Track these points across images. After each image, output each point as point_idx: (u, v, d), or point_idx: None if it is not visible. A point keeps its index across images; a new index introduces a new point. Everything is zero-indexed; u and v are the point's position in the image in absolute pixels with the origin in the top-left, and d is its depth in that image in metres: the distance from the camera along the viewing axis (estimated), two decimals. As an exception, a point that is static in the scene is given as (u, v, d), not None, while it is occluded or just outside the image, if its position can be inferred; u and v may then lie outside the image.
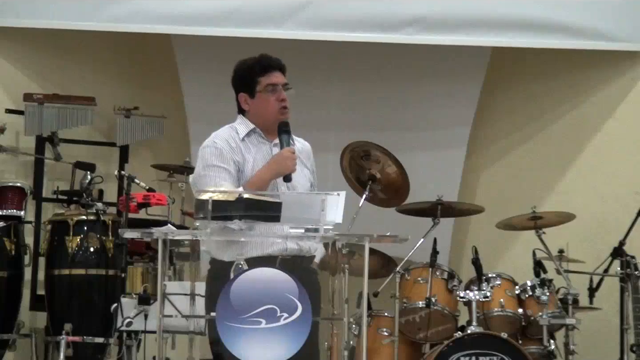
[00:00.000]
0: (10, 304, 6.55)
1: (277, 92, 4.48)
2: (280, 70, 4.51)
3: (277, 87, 4.48)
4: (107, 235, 6.53)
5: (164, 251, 4.07)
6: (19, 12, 6.89)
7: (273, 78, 4.49)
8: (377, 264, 6.45)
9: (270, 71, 4.49)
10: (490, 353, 5.89)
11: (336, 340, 4.27)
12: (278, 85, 4.48)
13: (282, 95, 4.48)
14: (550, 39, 6.97)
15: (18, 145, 7.16)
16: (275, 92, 4.48)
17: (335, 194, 4.05)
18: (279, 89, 4.48)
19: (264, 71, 4.49)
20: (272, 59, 4.52)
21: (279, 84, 4.48)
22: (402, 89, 7.44)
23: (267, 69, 4.49)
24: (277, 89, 4.48)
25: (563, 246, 6.57)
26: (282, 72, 4.51)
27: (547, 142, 7.60)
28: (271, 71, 4.49)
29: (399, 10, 6.85)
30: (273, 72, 4.49)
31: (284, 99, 4.48)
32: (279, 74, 4.50)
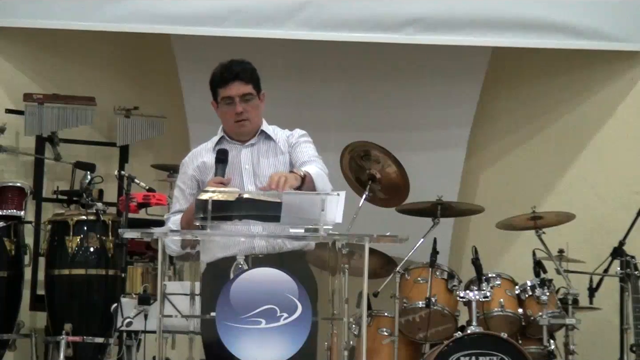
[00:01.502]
0: (10, 304, 6.54)
1: (233, 105, 4.45)
2: (241, 79, 4.44)
3: (233, 100, 4.44)
4: (107, 235, 6.53)
5: (163, 251, 4.08)
6: (19, 12, 6.89)
7: (229, 90, 4.45)
8: (377, 264, 6.45)
9: (228, 83, 4.45)
10: (490, 353, 5.89)
11: (336, 340, 4.28)
12: (234, 98, 4.44)
13: (237, 108, 4.44)
14: (550, 39, 6.97)
15: (18, 145, 7.16)
16: (231, 104, 4.46)
17: (335, 194, 4.05)
18: (235, 102, 4.44)
19: (222, 83, 4.47)
20: (232, 68, 4.46)
21: (234, 97, 4.44)
22: (402, 89, 7.44)
23: (225, 80, 4.46)
24: (233, 102, 4.45)
25: (563, 246, 6.57)
26: (243, 81, 4.44)
27: (547, 142, 7.60)
28: (229, 83, 4.44)
29: (399, 10, 6.85)
30: (231, 83, 4.44)
31: (239, 112, 4.44)
32: (239, 84, 4.44)
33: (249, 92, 4.45)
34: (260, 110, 4.54)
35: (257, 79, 4.51)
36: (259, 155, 4.48)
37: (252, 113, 4.48)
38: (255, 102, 4.48)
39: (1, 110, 6.98)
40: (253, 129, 4.51)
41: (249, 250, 4.30)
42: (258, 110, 4.52)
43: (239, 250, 4.28)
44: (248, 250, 4.30)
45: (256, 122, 4.52)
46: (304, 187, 4.20)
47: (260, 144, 4.52)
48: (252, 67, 4.51)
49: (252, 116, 4.48)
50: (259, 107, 4.52)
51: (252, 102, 4.47)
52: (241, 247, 4.29)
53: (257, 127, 4.52)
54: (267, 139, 4.53)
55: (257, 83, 4.51)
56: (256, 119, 4.51)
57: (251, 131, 4.50)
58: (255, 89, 4.49)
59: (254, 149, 4.51)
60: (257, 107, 4.50)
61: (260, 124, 4.54)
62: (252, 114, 4.47)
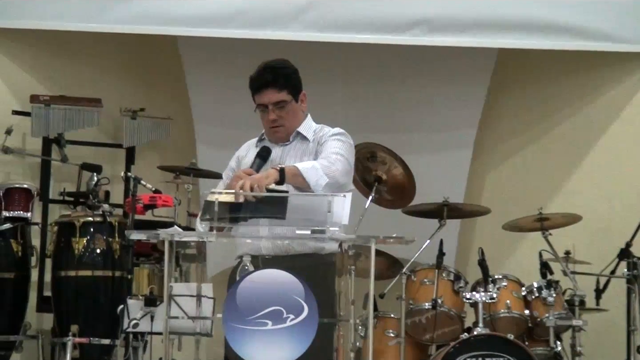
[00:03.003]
0: (16, 306, 6.55)
1: (266, 113, 4.44)
2: (271, 86, 4.41)
3: (265, 109, 4.43)
4: (113, 237, 6.53)
5: (170, 253, 4.08)
6: (26, 14, 6.90)
7: (262, 98, 4.43)
8: (383, 265, 6.45)
9: (260, 90, 4.43)
10: (497, 354, 5.89)
11: (342, 341, 4.27)
12: (267, 106, 4.42)
13: (270, 115, 4.42)
14: (556, 41, 6.96)
15: (25, 147, 7.17)
16: (265, 112, 4.45)
17: (341, 196, 4.05)
18: (268, 110, 4.43)
19: (255, 91, 4.46)
20: (264, 76, 4.43)
21: (267, 105, 4.42)
22: (408, 91, 7.44)
23: (257, 88, 4.45)
24: (266, 110, 4.44)
25: (569, 247, 6.56)
26: (276, 88, 4.41)
27: (554, 143, 7.59)
28: (261, 90, 4.43)
29: (405, 12, 6.85)
30: (264, 91, 4.42)
31: (272, 119, 4.42)
32: (271, 91, 4.41)
33: (282, 100, 4.42)
34: (297, 114, 4.48)
35: (294, 82, 4.46)
36: (288, 156, 4.46)
37: (287, 119, 4.44)
38: (290, 107, 4.44)
39: (8, 112, 6.99)
40: (289, 133, 4.47)
41: (257, 250, 4.29)
42: (294, 114, 4.47)
43: (243, 252, 4.28)
44: (256, 250, 4.29)
45: (292, 126, 4.47)
46: (288, 182, 4.17)
47: (294, 144, 4.49)
48: (287, 72, 4.47)
49: (287, 122, 4.44)
50: (296, 110, 4.47)
51: (287, 108, 4.43)
52: (252, 247, 4.29)
53: (294, 130, 4.48)
54: (302, 139, 4.49)
55: (294, 86, 4.46)
56: (292, 124, 4.46)
57: (287, 135, 4.47)
58: (292, 93, 4.44)
59: (286, 148, 4.48)
60: (292, 111, 4.45)
61: (296, 126, 4.49)
62: (286, 120, 4.44)
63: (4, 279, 6.45)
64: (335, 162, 4.32)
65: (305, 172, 4.21)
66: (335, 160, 4.32)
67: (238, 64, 7.21)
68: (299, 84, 4.50)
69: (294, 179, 4.20)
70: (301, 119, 4.52)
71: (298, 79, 4.50)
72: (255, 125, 4.98)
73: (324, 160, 4.31)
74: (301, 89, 4.51)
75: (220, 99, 7.35)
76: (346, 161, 4.37)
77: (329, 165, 4.29)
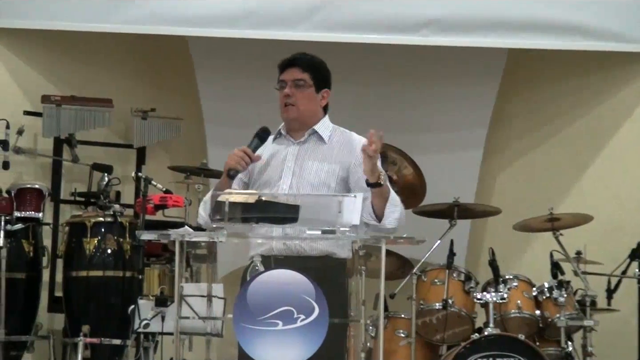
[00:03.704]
0: (28, 306, 6.57)
1: (283, 89, 4.44)
2: (297, 65, 4.43)
3: (283, 84, 4.43)
4: (124, 237, 6.54)
5: (180, 253, 4.08)
6: (37, 14, 6.92)
7: (284, 75, 4.45)
8: (394, 265, 6.45)
9: (285, 68, 4.45)
10: (508, 355, 5.88)
11: (353, 342, 4.27)
12: (285, 82, 4.43)
13: (285, 91, 4.41)
14: (567, 41, 6.95)
15: (36, 147, 7.18)
16: (283, 88, 4.44)
17: (351, 196, 4.05)
18: (285, 85, 4.42)
19: (281, 69, 4.48)
20: (294, 56, 4.46)
21: (286, 80, 4.42)
22: (418, 91, 7.44)
23: (283, 65, 4.47)
24: (283, 85, 4.43)
25: (581, 248, 6.55)
26: (300, 68, 4.42)
27: (564, 144, 7.58)
28: (286, 68, 4.45)
29: (415, 12, 6.84)
30: (287, 69, 4.45)
31: (286, 94, 4.41)
32: (295, 70, 4.43)
33: (302, 79, 4.42)
34: (313, 102, 4.45)
35: (320, 73, 4.47)
36: (306, 156, 4.42)
37: (301, 100, 4.41)
38: (307, 91, 4.43)
39: (19, 112, 7.01)
40: (298, 119, 4.43)
41: (269, 251, 4.30)
42: (309, 101, 4.44)
43: (255, 252, 4.29)
44: (268, 251, 4.30)
45: (303, 112, 4.43)
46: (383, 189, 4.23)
47: (309, 144, 4.45)
48: (317, 61, 4.49)
49: (300, 103, 4.41)
50: (313, 99, 4.45)
51: (304, 90, 4.42)
52: (266, 248, 4.29)
53: (305, 118, 4.44)
54: (319, 139, 4.46)
55: (319, 76, 4.46)
56: (303, 108, 4.43)
57: (296, 119, 4.43)
58: (314, 81, 4.43)
59: (302, 147, 4.44)
60: (308, 97, 4.43)
61: (310, 118, 4.46)
62: (299, 101, 4.41)
63: (16, 280, 6.47)
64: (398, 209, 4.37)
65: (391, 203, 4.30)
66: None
67: (248, 64, 7.24)
68: (325, 79, 4.49)
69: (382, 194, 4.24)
70: (317, 112, 4.48)
71: (326, 74, 4.51)
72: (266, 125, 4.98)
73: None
74: (326, 86, 4.49)
75: (231, 99, 7.36)
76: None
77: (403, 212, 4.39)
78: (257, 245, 4.30)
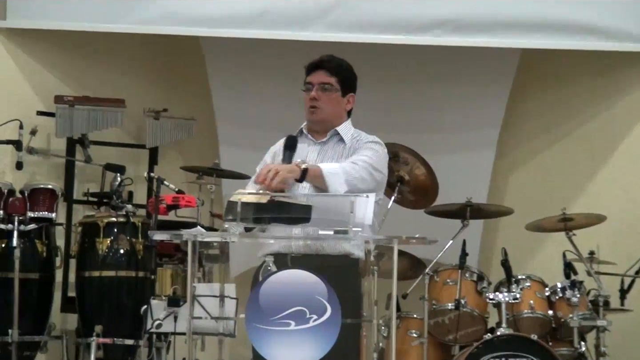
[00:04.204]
0: (41, 306, 6.58)
1: (309, 91, 4.47)
2: (325, 68, 4.47)
3: (309, 86, 4.47)
4: (136, 237, 6.55)
5: (193, 253, 4.09)
6: (50, 14, 6.94)
7: (311, 77, 4.49)
8: (406, 265, 6.44)
9: (312, 71, 4.49)
10: (520, 355, 5.88)
11: (365, 342, 4.27)
12: (311, 85, 4.46)
13: (312, 94, 4.45)
14: (580, 41, 6.93)
15: (49, 147, 7.20)
16: (309, 91, 4.48)
17: (364, 196, 4.05)
18: (311, 88, 4.46)
19: (308, 71, 4.51)
20: (321, 59, 4.51)
21: (313, 83, 4.46)
22: (431, 91, 7.43)
23: (310, 67, 4.50)
24: (309, 88, 4.47)
25: (594, 248, 6.54)
26: (327, 71, 4.46)
27: (577, 144, 7.56)
28: (313, 71, 4.49)
29: (427, 12, 6.83)
30: (314, 71, 4.49)
31: (312, 97, 4.45)
32: (322, 73, 4.47)
33: (328, 82, 4.46)
34: (339, 106, 4.50)
35: (347, 77, 4.52)
36: (324, 156, 4.46)
37: (326, 104, 4.45)
38: (333, 95, 4.47)
39: (33, 112, 7.02)
40: (323, 122, 4.47)
41: (285, 249, 4.30)
42: (335, 104, 4.48)
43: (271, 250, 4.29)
44: (283, 248, 4.30)
45: (328, 115, 4.47)
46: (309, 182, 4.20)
47: (330, 144, 4.49)
48: (344, 65, 4.53)
49: (325, 107, 4.45)
50: (338, 102, 4.49)
51: (330, 94, 4.46)
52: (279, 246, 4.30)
53: (329, 121, 4.48)
54: (339, 140, 4.49)
55: (345, 80, 4.50)
56: (329, 112, 4.47)
57: (321, 122, 4.47)
58: (340, 84, 4.48)
59: (323, 148, 4.49)
60: (334, 100, 4.47)
61: (334, 121, 4.49)
62: (325, 105, 4.45)
63: (29, 280, 6.48)
64: (360, 169, 4.33)
65: (328, 177, 4.22)
66: (361, 168, 4.33)
67: (261, 64, 7.25)
68: (352, 83, 4.55)
69: (315, 180, 4.21)
70: (342, 116, 4.52)
71: (353, 78, 4.57)
72: (278, 126, 4.99)
73: (350, 165, 4.32)
74: (352, 90, 4.54)
75: (243, 99, 7.37)
76: (372, 170, 4.37)
77: (352, 172, 4.30)
78: (270, 244, 4.30)
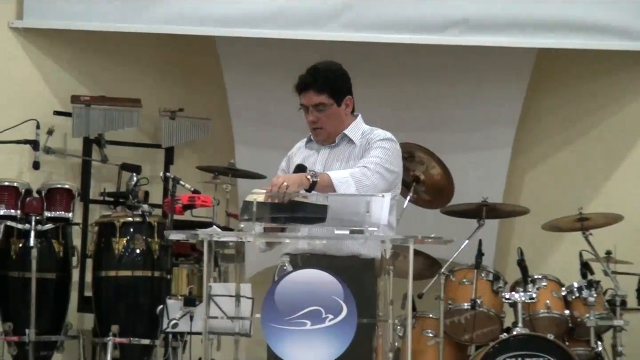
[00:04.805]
0: (58, 306, 6.60)
1: (307, 114, 4.43)
2: (311, 88, 4.39)
3: (305, 108, 4.42)
4: (152, 237, 6.56)
5: (209, 253, 4.09)
6: (66, 14, 6.96)
7: (303, 99, 4.42)
8: (422, 265, 6.43)
9: (301, 92, 4.42)
10: (537, 354, 5.87)
11: (381, 341, 4.27)
12: (307, 107, 4.41)
13: (310, 117, 4.41)
14: (595, 40, 6.91)
15: (66, 147, 7.22)
16: (306, 111, 4.43)
17: (379, 196, 4.05)
18: (308, 111, 4.41)
19: (298, 91, 4.44)
20: (305, 78, 4.42)
21: (306, 105, 4.40)
22: (447, 90, 7.42)
23: (298, 89, 4.43)
24: (307, 111, 4.42)
25: (610, 247, 6.52)
26: (315, 90, 4.38)
27: (594, 143, 7.54)
28: (302, 92, 4.42)
29: (444, 12, 6.83)
30: (304, 93, 4.41)
31: (311, 120, 4.41)
32: (311, 93, 4.39)
33: (321, 102, 4.39)
34: (339, 117, 4.43)
35: (336, 86, 4.42)
36: (334, 158, 4.43)
37: (326, 122, 4.41)
38: (330, 110, 4.40)
39: (50, 112, 7.05)
40: (330, 136, 4.44)
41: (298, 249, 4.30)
42: (335, 118, 4.42)
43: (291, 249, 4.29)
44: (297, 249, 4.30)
45: (333, 129, 4.43)
46: (319, 192, 4.17)
47: (340, 147, 4.45)
48: (329, 75, 4.43)
49: (327, 125, 4.41)
50: (338, 114, 4.42)
51: (326, 111, 4.39)
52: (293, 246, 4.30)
53: (336, 133, 4.44)
54: (349, 142, 4.45)
55: (336, 90, 4.41)
56: (332, 127, 4.43)
57: (328, 138, 4.45)
58: (333, 97, 4.40)
59: (332, 151, 4.45)
60: (333, 115, 4.41)
61: (339, 129, 4.44)
62: (326, 123, 4.41)
63: (46, 280, 6.50)
64: (372, 175, 4.29)
65: (338, 187, 4.19)
66: (373, 172, 4.29)
67: (276, 64, 7.25)
68: (344, 88, 4.45)
69: (324, 190, 4.18)
70: (346, 121, 4.46)
71: (343, 83, 4.46)
72: (293, 125, 4.99)
73: (361, 171, 4.29)
74: (347, 93, 4.45)
75: (259, 98, 7.37)
76: (384, 173, 4.33)
77: (363, 179, 4.27)
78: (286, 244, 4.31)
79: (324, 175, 4.23)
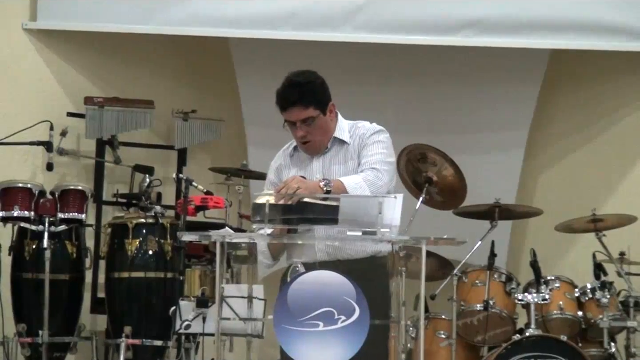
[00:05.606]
0: (71, 307, 6.62)
1: (294, 130, 4.38)
2: (297, 104, 4.32)
3: (293, 125, 4.37)
4: (165, 238, 6.57)
5: (221, 254, 4.10)
6: (80, 15, 6.98)
7: (288, 115, 4.36)
8: (434, 266, 6.43)
9: (285, 108, 4.36)
10: (549, 356, 5.85)
11: (394, 343, 4.27)
12: (294, 123, 4.36)
13: (298, 132, 4.35)
14: (609, 41, 6.89)
15: (79, 149, 7.24)
16: (294, 129, 4.38)
17: (392, 197, 4.05)
18: (295, 126, 4.36)
19: (282, 108, 4.39)
20: (287, 95, 4.35)
21: (295, 121, 4.35)
22: (460, 91, 7.41)
23: (282, 106, 4.38)
24: (294, 126, 4.37)
25: (624, 249, 6.51)
26: (302, 105, 4.32)
27: (607, 144, 7.52)
28: (286, 108, 4.36)
29: (457, 13, 6.82)
30: (289, 109, 4.35)
31: (300, 135, 4.36)
32: (297, 109, 4.33)
33: (309, 116, 4.34)
34: (327, 126, 4.40)
35: (320, 96, 4.37)
36: (331, 162, 4.41)
37: (316, 133, 4.37)
38: (318, 121, 4.36)
39: (63, 114, 7.07)
40: (321, 145, 4.41)
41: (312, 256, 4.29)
42: (324, 127, 4.39)
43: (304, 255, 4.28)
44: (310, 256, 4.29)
45: (323, 139, 4.40)
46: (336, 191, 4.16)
47: (332, 151, 4.43)
48: (312, 87, 4.37)
49: (316, 136, 4.37)
50: (325, 123, 4.38)
51: (315, 124, 4.35)
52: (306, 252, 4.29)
53: (326, 140, 4.41)
54: (341, 143, 4.42)
55: (321, 101, 4.36)
56: (322, 137, 4.40)
57: (319, 147, 4.41)
58: (319, 107, 4.35)
59: (325, 157, 4.42)
60: (322, 125, 4.37)
61: (329, 135, 4.41)
62: (316, 135, 4.37)
63: (60, 281, 6.52)
64: (383, 175, 4.29)
65: (353, 192, 4.18)
66: (383, 172, 4.29)
67: (289, 65, 7.15)
68: (326, 96, 4.40)
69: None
70: (332, 127, 4.43)
71: (325, 91, 4.40)
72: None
73: (370, 173, 4.28)
74: (329, 100, 4.40)
75: (272, 100, 7.26)
76: (390, 168, 4.35)
77: (375, 180, 4.26)
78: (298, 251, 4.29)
79: (337, 182, 4.22)
